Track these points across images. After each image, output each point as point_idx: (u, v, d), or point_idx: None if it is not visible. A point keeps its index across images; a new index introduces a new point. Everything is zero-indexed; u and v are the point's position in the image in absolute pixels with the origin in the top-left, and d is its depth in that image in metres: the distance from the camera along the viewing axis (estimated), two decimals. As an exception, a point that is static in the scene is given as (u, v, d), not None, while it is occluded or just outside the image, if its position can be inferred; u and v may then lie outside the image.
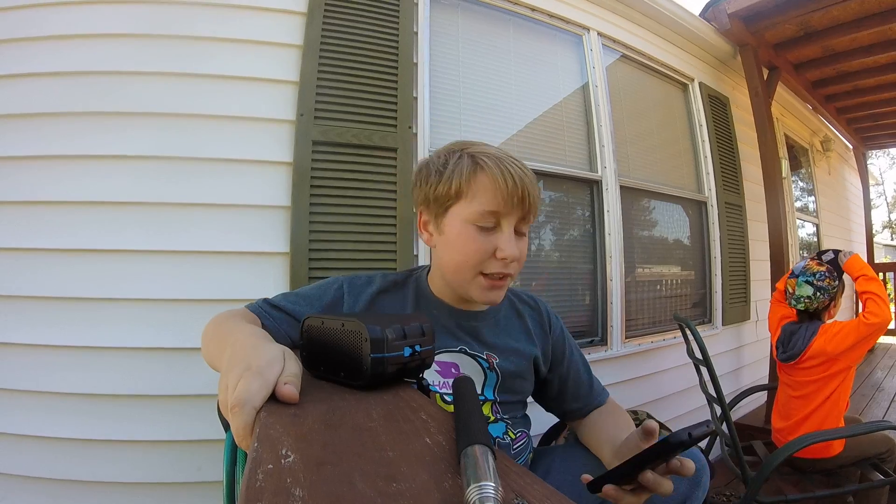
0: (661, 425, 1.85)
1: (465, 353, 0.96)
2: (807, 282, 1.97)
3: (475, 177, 0.85)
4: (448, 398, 0.88)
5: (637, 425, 0.95)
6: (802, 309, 1.99)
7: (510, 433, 0.98)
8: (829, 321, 1.98)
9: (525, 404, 1.08)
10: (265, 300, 0.95)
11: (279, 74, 1.75)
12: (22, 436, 1.49)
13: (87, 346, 1.52)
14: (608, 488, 0.65)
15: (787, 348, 1.98)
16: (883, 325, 1.78)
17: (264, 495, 0.32)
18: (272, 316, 0.91)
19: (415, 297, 0.99)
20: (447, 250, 0.90)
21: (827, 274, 1.96)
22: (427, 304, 0.99)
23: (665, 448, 0.58)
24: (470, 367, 0.96)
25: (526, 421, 1.06)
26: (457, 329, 0.98)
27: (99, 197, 1.58)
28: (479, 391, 0.94)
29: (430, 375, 0.91)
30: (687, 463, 0.65)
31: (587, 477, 0.69)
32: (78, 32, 1.67)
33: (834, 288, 1.95)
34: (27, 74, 1.64)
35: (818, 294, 1.95)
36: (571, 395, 1.09)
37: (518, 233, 0.89)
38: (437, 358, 0.90)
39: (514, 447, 0.98)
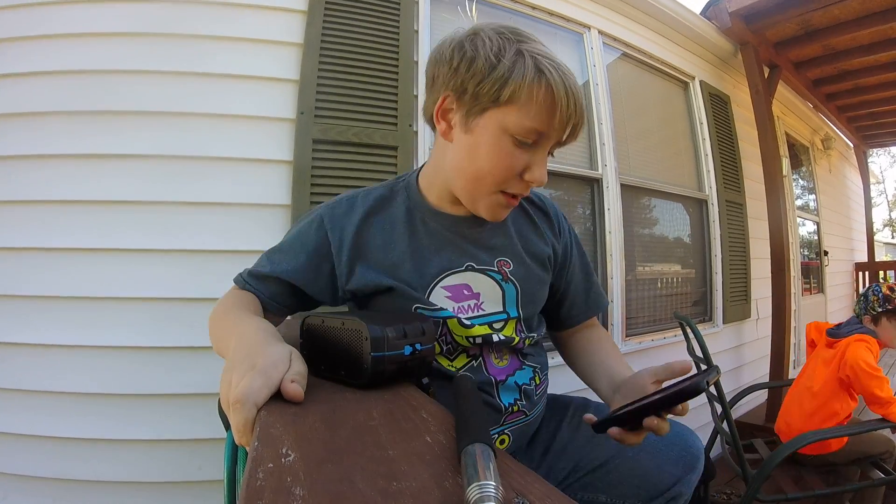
0: None
1: (473, 269, 0.85)
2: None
3: (537, 87, 0.70)
4: (466, 322, 0.81)
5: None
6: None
7: (537, 378, 0.90)
8: (870, 335, 1.98)
9: (542, 319, 1.00)
10: (248, 272, 0.87)
11: (279, 73, 1.75)
12: (22, 435, 1.50)
13: (87, 346, 1.52)
14: (613, 431, 0.65)
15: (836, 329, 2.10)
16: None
17: (265, 494, 0.32)
18: (260, 289, 0.85)
19: (407, 211, 0.88)
20: (469, 154, 0.77)
21: (884, 296, 2.01)
22: (423, 215, 0.87)
23: (679, 397, 0.58)
24: (482, 285, 0.86)
25: (542, 353, 0.95)
26: (459, 239, 0.87)
27: (99, 196, 1.58)
28: (500, 308, 0.87)
29: (441, 302, 0.82)
30: (685, 406, 0.64)
31: (591, 417, 0.69)
32: (77, 31, 1.67)
33: (880, 306, 2.01)
34: (27, 74, 1.64)
35: (862, 299, 2.08)
36: (567, 305, 1.01)
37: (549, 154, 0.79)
38: (444, 283, 0.83)
39: (537, 393, 0.89)
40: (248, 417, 0.47)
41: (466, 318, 0.82)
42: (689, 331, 2.00)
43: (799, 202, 4.81)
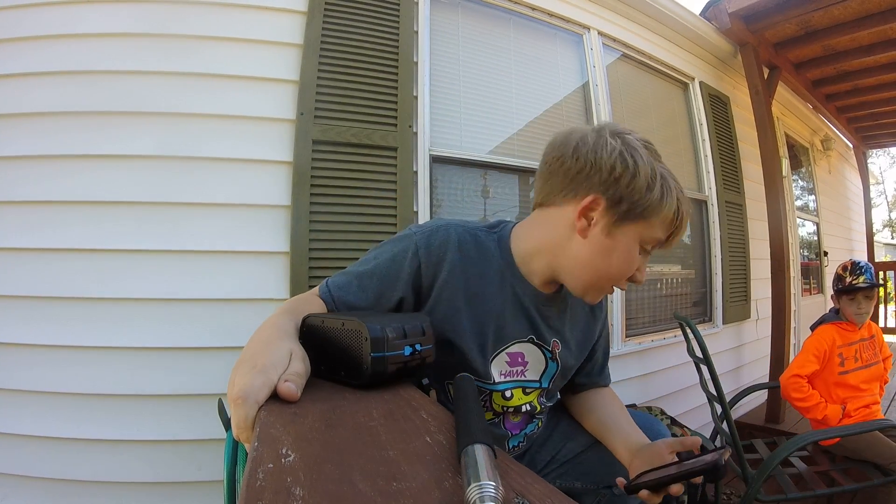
0: (674, 421, 1.86)
1: (533, 342, 0.94)
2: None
3: (673, 208, 0.81)
4: (508, 394, 0.93)
5: (652, 418, 1.06)
6: None
7: (539, 423, 1.02)
8: (834, 320, 2.16)
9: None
10: (337, 286, 0.84)
11: (279, 73, 1.75)
12: (22, 436, 1.50)
13: (87, 346, 1.52)
14: (644, 494, 0.73)
15: None
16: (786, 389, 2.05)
17: (265, 494, 0.32)
18: (339, 306, 0.83)
19: (500, 272, 0.90)
20: (603, 254, 0.82)
21: (837, 275, 2.17)
22: (513, 281, 0.90)
23: (703, 472, 0.68)
24: (534, 357, 0.95)
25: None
26: (534, 312, 0.92)
27: (99, 197, 1.58)
28: (537, 378, 0.96)
29: (500, 367, 0.91)
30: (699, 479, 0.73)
31: (622, 481, 0.77)
32: (77, 32, 1.67)
33: (835, 286, 2.17)
34: (26, 74, 1.64)
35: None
36: (582, 374, 1.08)
37: None
38: (509, 350, 0.91)
39: (537, 433, 1.04)
40: (248, 414, 0.49)
41: (507, 382, 0.93)
42: (688, 331, 2.00)
43: (799, 203, 4.81)
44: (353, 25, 1.86)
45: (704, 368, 1.90)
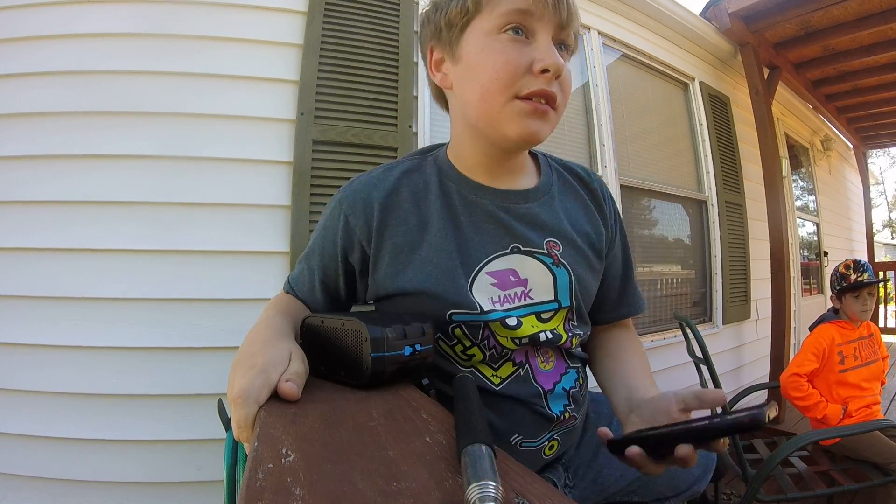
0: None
1: (519, 251, 0.75)
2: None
3: None
4: (511, 322, 0.72)
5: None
6: None
7: (580, 379, 0.82)
8: (833, 319, 2.17)
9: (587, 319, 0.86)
10: (291, 277, 0.86)
11: (279, 74, 1.75)
12: (21, 436, 1.50)
13: (86, 346, 1.52)
14: (634, 452, 0.55)
15: None
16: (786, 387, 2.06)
17: (265, 494, 0.32)
18: (302, 293, 0.84)
19: (439, 182, 0.77)
20: (469, 79, 0.69)
21: (840, 274, 2.14)
22: (458, 187, 0.76)
23: (732, 428, 0.48)
24: (533, 271, 0.75)
25: (582, 351, 0.86)
26: (505, 216, 0.75)
27: (99, 197, 1.58)
28: (551, 296, 0.76)
29: (488, 291, 0.73)
30: (726, 441, 0.54)
31: (606, 432, 0.60)
32: (77, 32, 1.67)
33: (838, 284, 2.15)
34: (26, 74, 1.64)
35: (830, 283, 2.21)
36: (598, 299, 0.87)
37: (561, 48, 0.69)
38: (488, 268, 0.73)
39: (582, 393, 0.82)
40: (248, 413, 0.49)
41: (510, 313, 0.73)
42: (688, 331, 2.00)
43: (799, 203, 4.81)
44: (354, 25, 1.86)
45: (704, 368, 1.91)
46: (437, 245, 0.73)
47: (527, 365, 0.75)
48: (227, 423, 0.75)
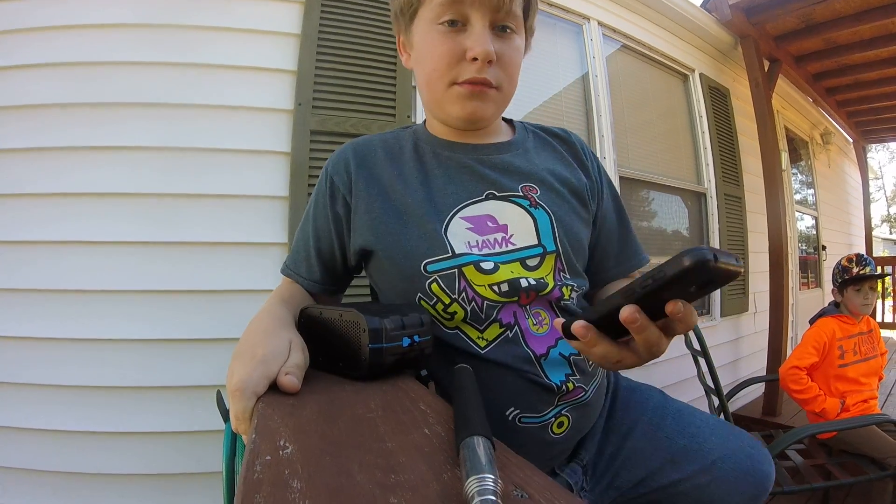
0: None
1: (495, 197, 0.74)
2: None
3: None
4: (486, 266, 0.69)
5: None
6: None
7: None
8: (834, 313, 2.16)
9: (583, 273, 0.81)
10: (286, 264, 0.87)
11: (277, 64, 1.74)
12: (22, 429, 1.50)
13: (86, 339, 1.52)
14: (580, 326, 0.47)
15: None
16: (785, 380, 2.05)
17: (263, 487, 0.32)
18: (300, 273, 0.85)
19: (414, 147, 0.81)
20: (418, 65, 0.76)
21: (842, 267, 2.14)
22: (433, 148, 0.80)
23: (668, 281, 0.38)
24: (509, 214, 0.74)
25: None
26: (479, 165, 0.77)
27: (96, 189, 1.57)
28: (534, 241, 0.73)
29: (464, 236, 0.72)
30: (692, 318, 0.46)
31: (560, 322, 0.52)
32: (74, 23, 1.65)
33: (840, 277, 2.14)
34: (23, 66, 1.62)
35: (832, 276, 2.21)
36: (597, 257, 0.85)
37: (503, 30, 0.71)
38: (463, 213, 0.73)
39: (591, 364, 0.74)
40: (246, 406, 0.49)
41: (486, 258, 0.70)
42: (686, 324, 2.00)
43: (798, 196, 4.81)
44: (351, 15, 1.84)
45: (702, 361, 1.91)
46: (411, 195, 0.75)
47: (516, 327, 0.69)
48: (225, 415, 0.75)
